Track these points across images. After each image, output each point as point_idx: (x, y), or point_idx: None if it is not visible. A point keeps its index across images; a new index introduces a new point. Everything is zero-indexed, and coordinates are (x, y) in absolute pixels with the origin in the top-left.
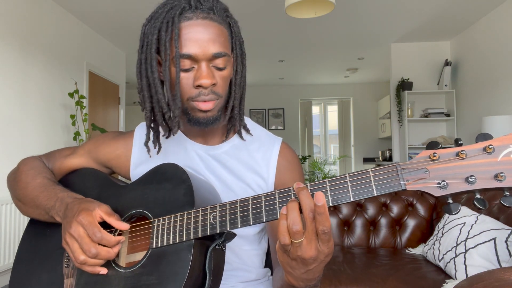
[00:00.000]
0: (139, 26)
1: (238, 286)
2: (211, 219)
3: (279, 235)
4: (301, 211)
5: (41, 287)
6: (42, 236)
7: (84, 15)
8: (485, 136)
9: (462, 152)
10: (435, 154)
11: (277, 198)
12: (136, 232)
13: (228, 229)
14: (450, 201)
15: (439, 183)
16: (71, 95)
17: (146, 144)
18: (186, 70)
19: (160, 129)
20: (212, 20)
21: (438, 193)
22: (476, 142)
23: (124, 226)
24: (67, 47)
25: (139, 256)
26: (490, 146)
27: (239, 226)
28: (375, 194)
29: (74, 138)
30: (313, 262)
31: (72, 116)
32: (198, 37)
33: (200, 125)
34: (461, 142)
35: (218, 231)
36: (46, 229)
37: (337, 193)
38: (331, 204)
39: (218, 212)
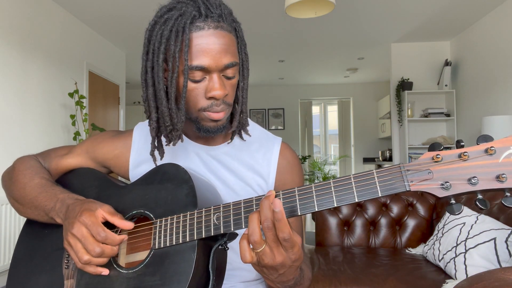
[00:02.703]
0: (139, 26)
1: (238, 285)
2: (215, 220)
3: (240, 254)
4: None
5: None
6: (39, 236)
7: (84, 15)
8: (486, 138)
9: (465, 153)
10: (438, 156)
11: (281, 199)
12: (136, 233)
13: (232, 229)
14: (453, 201)
15: (442, 184)
16: (71, 95)
17: (152, 153)
18: (197, 81)
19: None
20: (222, 29)
21: (441, 194)
22: (477, 144)
23: (128, 225)
24: (67, 47)
25: (139, 256)
26: (492, 148)
27: (243, 227)
28: (380, 195)
29: (74, 138)
30: (282, 268)
31: (72, 116)
32: (211, 48)
33: (209, 133)
34: (463, 143)
35: (222, 232)
36: (43, 229)
37: (342, 193)
38: (335, 205)
39: (221, 212)
